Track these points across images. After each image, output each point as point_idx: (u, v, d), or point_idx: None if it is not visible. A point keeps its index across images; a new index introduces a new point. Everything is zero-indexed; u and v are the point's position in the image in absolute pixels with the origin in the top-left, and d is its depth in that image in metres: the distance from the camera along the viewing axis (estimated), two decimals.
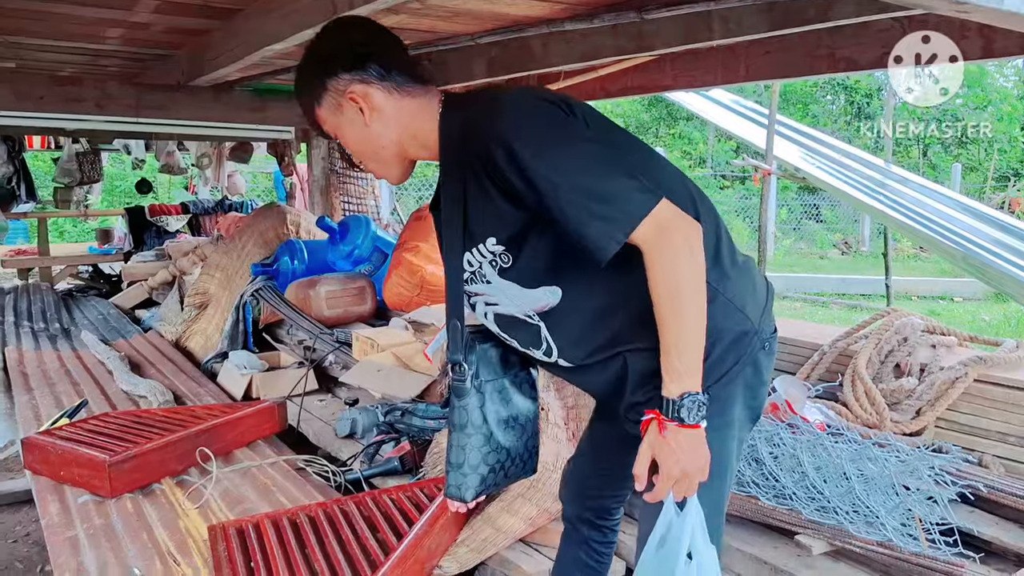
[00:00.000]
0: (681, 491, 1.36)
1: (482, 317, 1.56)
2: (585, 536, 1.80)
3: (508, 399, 1.60)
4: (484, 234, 1.42)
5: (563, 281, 1.42)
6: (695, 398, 1.32)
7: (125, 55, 4.18)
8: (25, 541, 3.09)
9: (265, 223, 5.25)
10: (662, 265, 1.30)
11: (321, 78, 1.49)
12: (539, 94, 1.44)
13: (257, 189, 14.48)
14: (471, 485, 1.58)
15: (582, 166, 1.31)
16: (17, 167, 7.28)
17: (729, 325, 1.43)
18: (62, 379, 3.94)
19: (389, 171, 1.57)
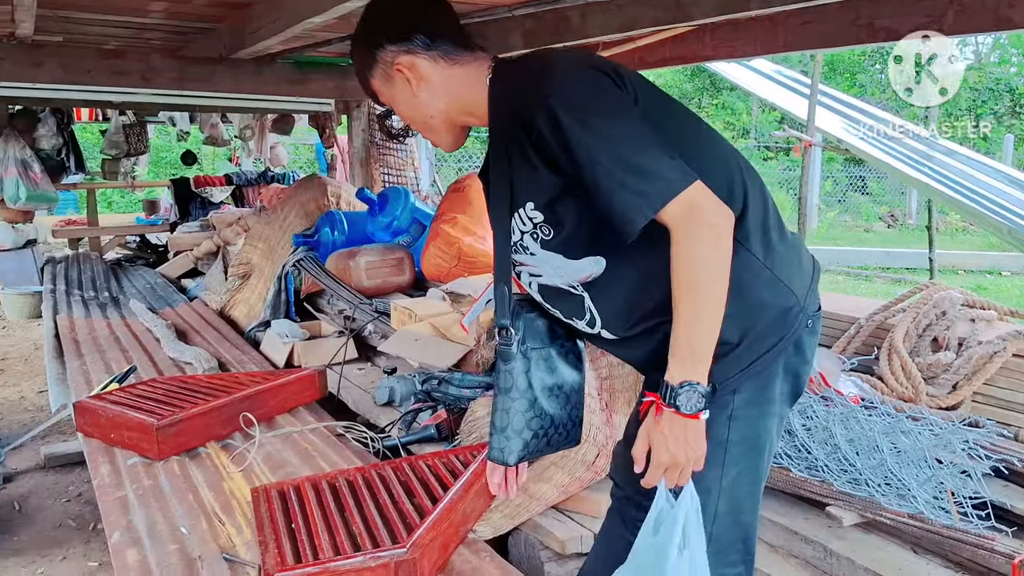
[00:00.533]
0: (672, 479, 1.38)
1: (527, 287, 1.57)
2: (632, 517, 1.82)
3: (554, 368, 1.62)
4: (524, 198, 1.43)
5: (607, 252, 1.42)
6: (695, 388, 1.31)
7: (168, 28, 4.24)
8: (78, 500, 3.21)
9: (306, 194, 5.32)
10: (685, 251, 1.30)
11: (371, 50, 1.52)
12: (590, 61, 1.43)
13: (299, 160, 14.63)
14: (514, 449, 1.62)
15: (621, 139, 1.31)
16: (66, 139, 7.43)
17: (774, 300, 1.42)
18: (111, 346, 4.06)
19: (440, 138, 1.60)
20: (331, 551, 1.82)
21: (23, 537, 2.92)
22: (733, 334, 1.38)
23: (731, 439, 1.43)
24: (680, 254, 1.30)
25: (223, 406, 2.75)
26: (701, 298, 1.30)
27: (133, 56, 4.23)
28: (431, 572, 1.88)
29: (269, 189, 7.77)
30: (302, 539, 1.89)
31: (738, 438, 1.43)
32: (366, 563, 1.76)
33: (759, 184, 1.47)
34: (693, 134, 1.47)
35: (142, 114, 8.38)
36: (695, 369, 1.32)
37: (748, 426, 1.43)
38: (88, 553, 2.80)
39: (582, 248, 1.43)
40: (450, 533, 2.01)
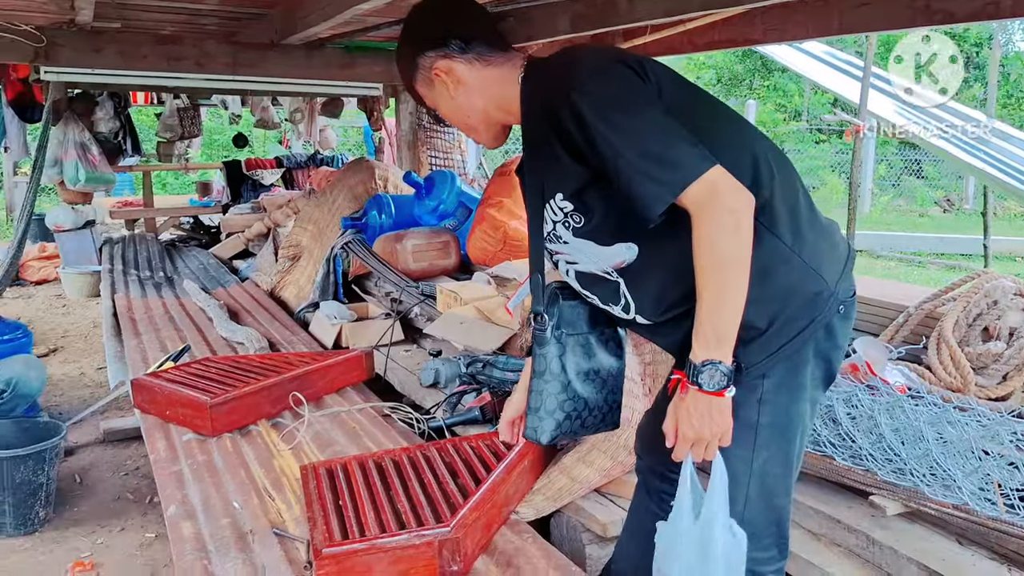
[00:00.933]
0: (698, 454, 1.42)
1: (565, 275, 1.62)
2: (657, 488, 1.85)
3: (591, 354, 1.69)
4: (554, 189, 1.49)
5: (638, 238, 1.45)
6: (716, 367, 1.35)
7: (222, 14, 4.32)
8: (135, 474, 3.32)
9: (355, 178, 5.38)
10: (705, 234, 1.33)
11: (412, 57, 1.62)
12: (614, 54, 1.47)
13: (347, 143, 14.77)
14: (547, 428, 1.70)
15: (642, 129, 1.35)
16: (123, 122, 7.60)
17: (803, 286, 1.44)
18: (166, 325, 4.18)
19: (481, 136, 1.68)
20: (377, 529, 1.87)
21: (83, 508, 3.03)
22: (762, 319, 1.41)
23: (761, 422, 1.45)
24: (701, 237, 1.33)
25: (273, 385, 2.82)
26: (722, 280, 1.33)
27: (188, 42, 4.33)
28: (474, 552, 1.91)
29: (318, 172, 7.88)
30: (349, 516, 1.94)
31: (768, 422, 1.46)
32: (411, 541, 1.80)
33: (789, 171, 1.49)
34: (719, 124, 1.49)
35: (196, 98, 8.54)
36: (718, 349, 1.36)
37: (778, 410, 1.46)
38: (145, 524, 2.90)
39: (612, 235, 1.47)
40: (493, 514, 2.05)
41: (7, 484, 2.73)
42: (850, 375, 2.36)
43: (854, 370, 2.37)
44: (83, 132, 6.94)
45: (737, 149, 1.44)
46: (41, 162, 6.11)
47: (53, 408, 4.01)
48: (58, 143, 6.70)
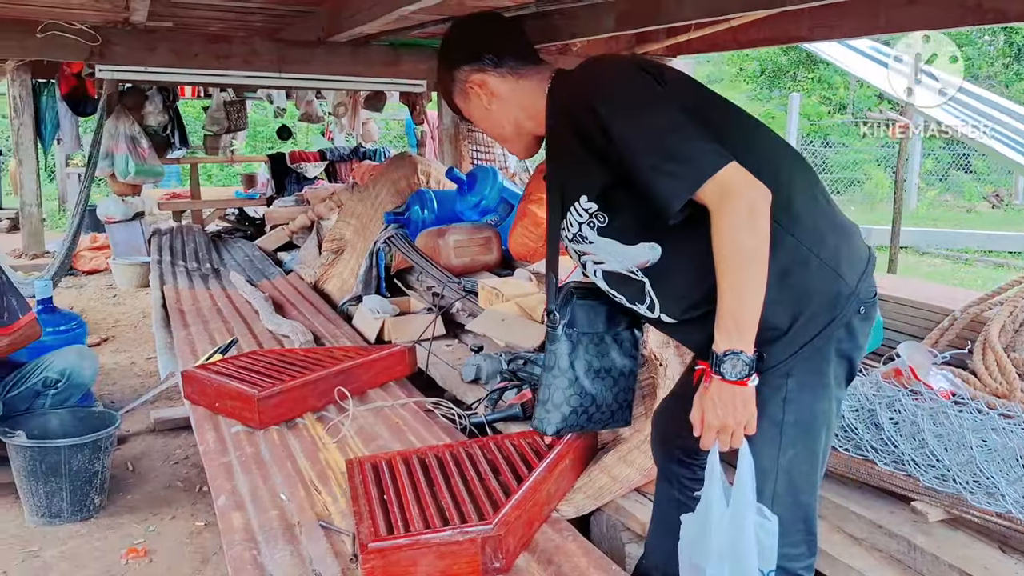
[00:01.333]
0: (724, 443, 1.47)
1: (592, 275, 1.67)
2: (676, 473, 1.89)
3: (604, 352, 1.78)
4: (577, 192, 1.54)
5: (660, 238, 1.50)
6: (738, 356, 1.40)
7: (270, 12, 4.39)
8: (185, 463, 3.41)
9: (398, 172, 5.44)
10: (724, 228, 1.37)
11: (449, 71, 1.72)
12: (633, 61, 1.59)
13: (389, 135, 14.86)
14: (552, 421, 1.82)
15: (657, 126, 1.41)
16: (171, 116, 7.75)
17: (823, 286, 1.47)
18: (214, 317, 4.27)
19: (514, 146, 1.77)
20: (421, 524, 1.91)
21: (136, 496, 3.13)
22: (783, 319, 1.45)
23: (786, 420, 1.49)
24: (719, 230, 1.38)
25: (319, 379, 2.88)
26: (741, 272, 1.37)
27: (237, 40, 4.41)
28: (516, 549, 1.95)
29: (361, 166, 7.95)
30: (394, 511, 1.99)
31: (793, 420, 1.50)
32: (454, 537, 1.84)
33: (807, 173, 1.54)
34: (734, 127, 1.53)
35: (242, 91, 8.67)
36: (739, 339, 1.40)
37: (803, 408, 1.50)
38: (195, 513, 2.98)
39: (635, 234, 1.52)
40: (534, 512, 2.08)
41: (64, 472, 2.83)
42: (894, 380, 2.35)
43: (898, 375, 2.36)
44: (133, 126, 7.10)
45: (752, 151, 1.48)
46: (95, 156, 6.27)
47: (106, 397, 4.13)
48: (109, 136, 6.87)
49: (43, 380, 3.14)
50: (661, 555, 1.97)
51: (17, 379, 3.15)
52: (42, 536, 2.82)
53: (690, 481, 1.91)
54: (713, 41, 4.18)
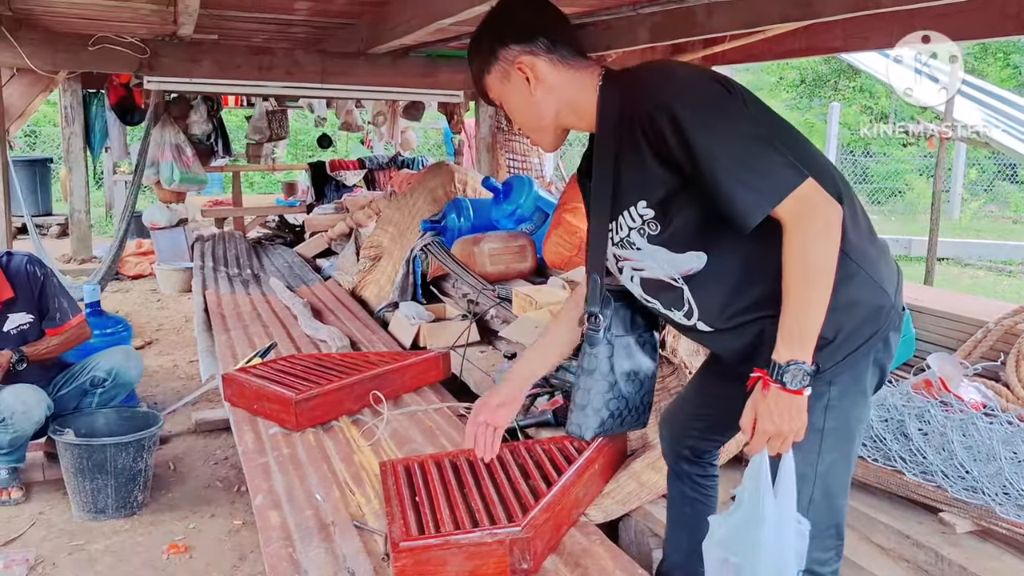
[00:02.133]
0: (775, 448, 1.46)
1: (628, 281, 1.68)
2: (686, 471, 1.94)
3: (632, 355, 1.77)
4: (635, 197, 1.53)
5: (709, 247, 1.51)
6: (801, 367, 1.40)
7: (312, 24, 4.50)
8: (224, 464, 3.50)
9: (434, 181, 5.51)
10: (799, 241, 1.38)
11: (493, 48, 1.61)
12: (705, 71, 1.56)
13: (428, 143, 14.99)
14: (591, 425, 1.77)
15: (739, 139, 1.40)
16: (215, 125, 7.92)
17: (869, 299, 1.49)
18: (254, 321, 4.37)
19: (544, 138, 1.70)
20: (451, 525, 1.96)
21: (176, 494, 3.22)
22: (829, 330, 1.45)
23: (827, 427, 1.51)
24: (793, 245, 1.39)
25: (355, 384, 2.95)
26: (811, 286, 1.39)
27: (279, 52, 4.52)
28: (544, 551, 1.99)
29: (399, 175, 8.05)
30: (425, 512, 2.04)
31: (833, 427, 1.51)
32: (483, 539, 1.88)
33: (850, 190, 1.54)
34: (795, 142, 1.53)
35: (283, 101, 8.83)
36: (802, 349, 1.41)
37: (842, 416, 1.51)
38: (233, 512, 3.06)
39: (686, 243, 1.52)
40: (563, 515, 2.12)
41: (110, 469, 2.93)
42: (923, 391, 2.35)
43: (928, 386, 2.36)
44: (178, 134, 7.27)
45: (820, 169, 1.49)
46: (142, 164, 6.44)
47: (149, 398, 4.24)
48: (155, 145, 7.05)
49: (91, 379, 3.25)
50: (680, 555, 2.01)
51: (66, 378, 3.27)
52: (88, 530, 2.92)
53: (702, 478, 1.96)
54: (748, 51, 4.18)
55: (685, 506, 1.98)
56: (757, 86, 17.79)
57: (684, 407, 1.95)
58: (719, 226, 1.47)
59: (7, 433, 2.97)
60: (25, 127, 11.35)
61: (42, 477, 3.26)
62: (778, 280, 1.44)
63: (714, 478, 1.97)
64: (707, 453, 1.95)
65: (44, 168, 10.68)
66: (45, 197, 10.54)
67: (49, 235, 9.72)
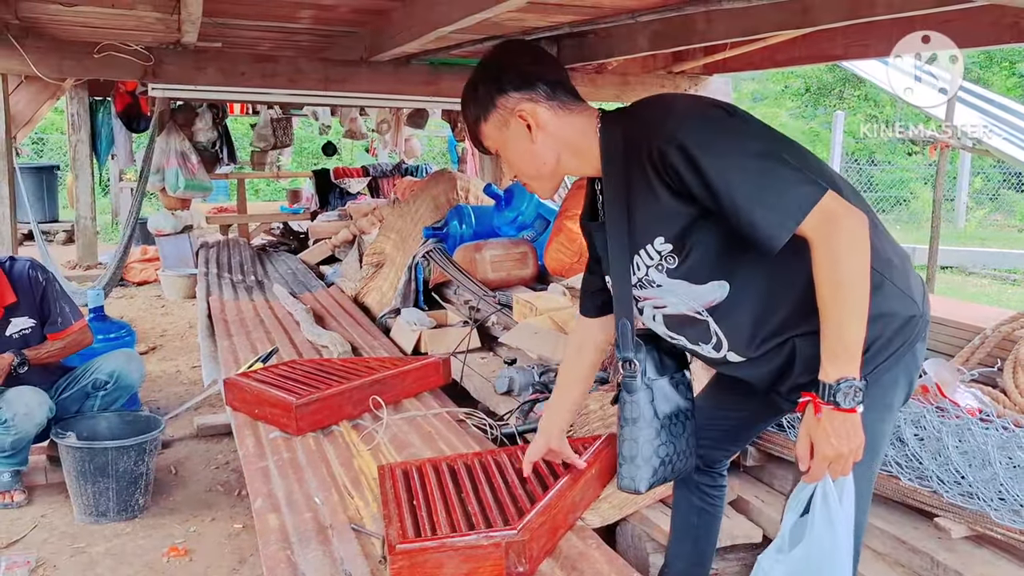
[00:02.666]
0: (836, 471, 1.43)
1: (650, 320, 1.66)
2: (695, 480, 1.94)
3: (669, 397, 1.70)
4: (652, 234, 1.51)
5: (730, 274, 1.50)
6: (852, 383, 1.38)
7: (315, 32, 4.54)
8: (225, 468, 3.52)
9: (437, 188, 5.54)
10: (827, 255, 1.36)
11: (492, 96, 1.59)
12: (701, 98, 1.57)
13: (432, 152, 15.04)
14: (644, 476, 1.69)
15: (751, 160, 1.39)
16: (220, 132, 7.97)
17: (898, 309, 1.49)
18: (257, 327, 4.39)
19: (542, 186, 1.69)
20: (448, 528, 1.97)
21: (178, 497, 3.24)
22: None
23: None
24: (823, 258, 1.37)
25: (355, 388, 2.96)
26: (848, 296, 1.37)
27: (283, 60, 4.56)
28: (540, 555, 2.00)
29: (403, 182, 8.08)
30: (422, 515, 2.05)
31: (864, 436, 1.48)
32: (479, 541, 1.89)
33: (863, 202, 1.53)
34: (804, 159, 1.53)
35: (288, 109, 8.88)
36: (849, 365, 1.38)
37: (869, 429, 1.48)
38: (233, 516, 3.08)
39: (707, 273, 1.51)
40: (559, 519, 2.13)
41: (111, 472, 2.95)
42: (920, 396, 2.35)
43: (924, 391, 2.36)
44: (183, 142, 7.32)
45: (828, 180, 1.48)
46: (147, 172, 6.49)
47: (152, 403, 4.27)
48: (160, 152, 7.09)
49: (93, 382, 3.28)
50: (683, 563, 2.01)
51: (69, 381, 3.30)
52: (89, 533, 2.94)
53: (710, 488, 1.96)
54: (749, 60, 4.21)
55: (692, 515, 1.97)
56: (762, 95, 17.84)
57: (696, 417, 1.95)
58: (737, 252, 1.46)
59: (9, 435, 3.00)
60: (32, 134, 11.42)
61: (44, 480, 3.28)
62: (803, 296, 1.44)
63: (722, 488, 1.97)
64: (717, 463, 1.94)
65: (51, 175, 10.76)
66: (51, 204, 10.62)
67: (55, 241, 9.79)
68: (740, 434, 1.93)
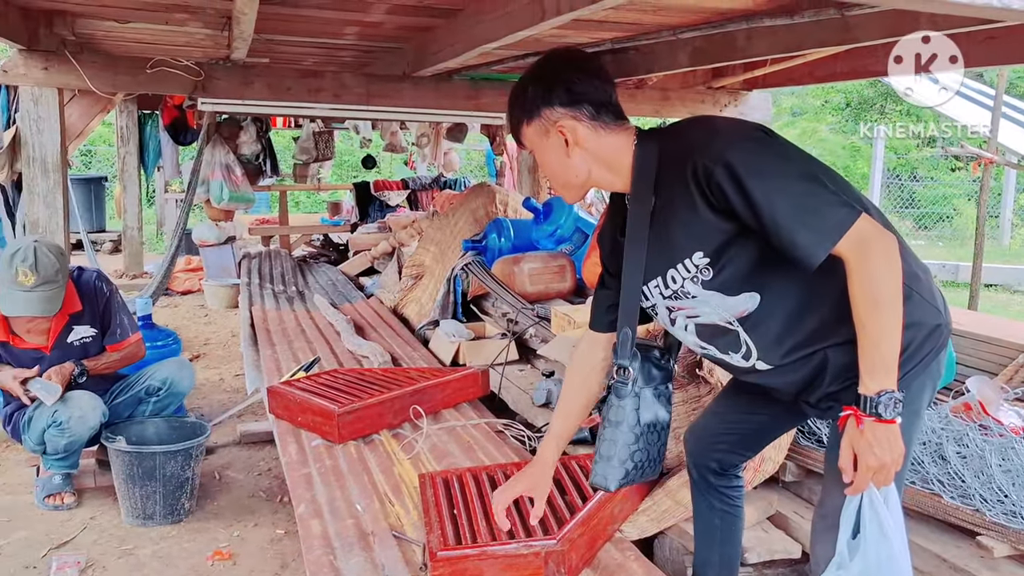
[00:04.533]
0: (880, 481, 1.48)
1: (681, 330, 1.72)
2: (712, 483, 1.98)
3: (651, 406, 1.81)
4: (691, 249, 1.56)
5: (762, 287, 1.56)
6: (892, 395, 1.43)
7: (359, 48, 4.62)
8: (267, 474, 3.58)
9: (476, 201, 5.59)
10: (863, 274, 1.43)
11: (538, 105, 1.65)
12: (746, 122, 1.61)
13: (470, 165, 15.14)
14: (616, 476, 1.81)
15: (792, 181, 1.46)
16: (264, 145, 8.11)
17: (926, 319, 1.55)
18: (298, 337, 4.47)
19: (569, 193, 1.76)
20: (488, 537, 2.00)
21: (221, 503, 3.30)
22: None
23: None
24: (859, 278, 1.43)
25: (395, 398, 3.01)
26: (884, 313, 1.43)
27: (327, 75, 4.65)
28: (578, 565, 2.02)
29: (442, 195, 8.16)
30: (462, 523, 2.08)
31: None
32: (519, 551, 1.92)
33: (890, 224, 1.58)
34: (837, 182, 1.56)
35: (330, 122, 9.02)
36: (888, 377, 1.44)
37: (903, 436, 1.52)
38: (276, 522, 3.13)
39: (739, 285, 1.57)
40: (598, 530, 2.15)
41: (159, 476, 3.02)
42: (962, 414, 2.34)
43: (967, 409, 2.35)
44: (228, 154, 7.46)
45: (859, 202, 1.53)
46: (195, 184, 6.63)
47: (196, 410, 4.35)
48: (206, 164, 7.24)
49: (146, 388, 3.38)
50: (712, 570, 2.03)
51: (122, 387, 3.40)
52: (137, 536, 3.02)
53: (728, 489, 2.00)
54: (788, 75, 4.21)
55: (714, 518, 2.01)
56: (801, 109, 17.69)
57: (713, 420, 1.99)
58: (769, 266, 1.52)
59: (63, 437, 3.09)
60: (81, 146, 11.71)
61: (94, 483, 3.38)
62: (833, 309, 1.51)
63: (740, 488, 2.02)
64: (733, 467, 1.99)
65: (99, 186, 11.02)
66: (99, 214, 10.87)
67: (102, 251, 10.00)
68: (758, 439, 1.97)
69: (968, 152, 5.51)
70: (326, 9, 3.47)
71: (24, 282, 3.02)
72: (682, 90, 5.15)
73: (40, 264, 3.04)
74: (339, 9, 3.46)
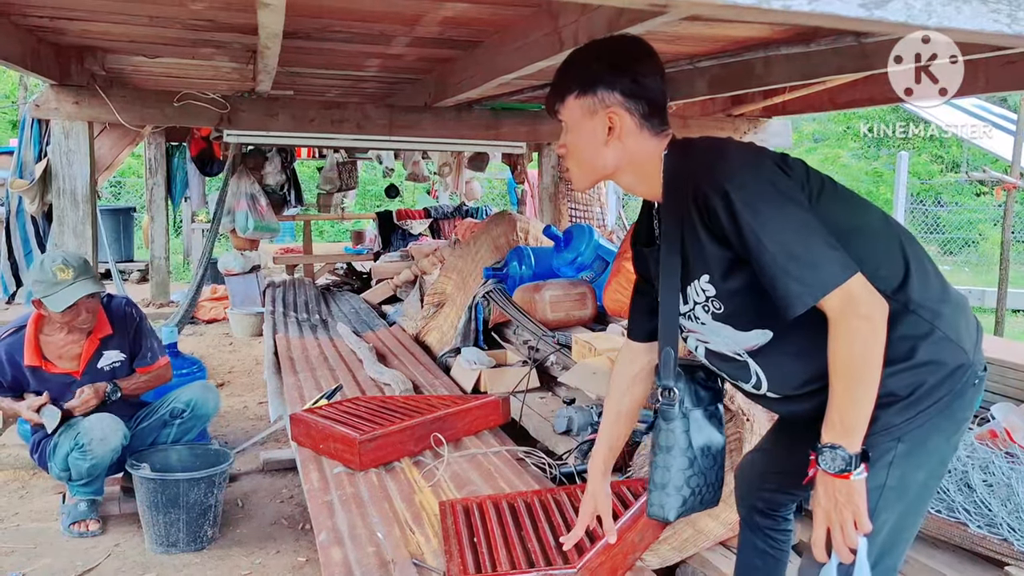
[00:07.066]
0: (837, 541, 1.45)
1: (694, 350, 1.70)
2: (760, 524, 1.93)
3: (703, 429, 1.73)
4: (698, 270, 1.54)
5: (774, 324, 1.51)
6: (838, 451, 1.41)
7: (381, 80, 4.70)
8: (290, 502, 3.59)
9: (497, 230, 5.63)
10: (842, 337, 1.40)
11: (599, 83, 1.57)
12: (761, 150, 1.56)
13: (492, 193, 15.23)
14: (674, 505, 1.71)
15: (787, 227, 1.41)
16: (288, 176, 8.23)
17: (947, 358, 1.49)
18: (321, 364, 4.50)
19: (584, 180, 1.70)
20: (507, 565, 2.00)
21: (244, 530, 3.32)
22: (904, 388, 1.47)
23: (888, 484, 1.49)
24: (837, 339, 1.40)
25: (416, 426, 3.02)
26: (854, 381, 1.40)
27: (350, 107, 4.73)
28: None
29: (463, 223, 8.22)
30: (482, 551, 2.08)
31: (895, 484, 1.49)
32: None
33: (920, 248, 1.55)
34: (856, 214, 1.55)
35: (353, 153, 9.14)
36: (844, 437, 1.41)
37: (906, 474, 1.49)
38: (297, 549, 3.14)
39: (751, 321, 1.53)
40: (618, 559, 2.14)
41: (182, 503, 3.05)
42: (988, 441, 2.31)
43: (992, 436, 2.32)
44: (253, 184, 7.57)
45: (875, 239, 1.52)
46: (220, 214, 6.73)
47: (220, 437, 4.38)
48: (231, 194, 7.35)
49: (171, 411, 3.44)
50: None
51: (147, 412, 3.45)
52: (160, 563, 3.03)
53: (775, 532, 1.94)
54: (808, 102, 4.22)
55: (756, 558, 1.96)
56: (823, 135, 17.66)
57: (760, 459, 1.95)
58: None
59: (86, 460, 3.13)
60: (111, 178, 11.92)
61: (118, 511, 3.41)
62: None
63: (788, 532, 1.95)
64: (782, 507, 1.92)
65: (127, 216, 11.20)
66: (127, 244, 11.03)
67: (130, 280, 10.14)
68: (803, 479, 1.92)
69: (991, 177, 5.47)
70: (349, 42, 3.53)
71: (64, 277, 3.12)
72: (702, 118, 5.18)
73: (71, 257, 3.23)
74: (361, 42, 3.53)
